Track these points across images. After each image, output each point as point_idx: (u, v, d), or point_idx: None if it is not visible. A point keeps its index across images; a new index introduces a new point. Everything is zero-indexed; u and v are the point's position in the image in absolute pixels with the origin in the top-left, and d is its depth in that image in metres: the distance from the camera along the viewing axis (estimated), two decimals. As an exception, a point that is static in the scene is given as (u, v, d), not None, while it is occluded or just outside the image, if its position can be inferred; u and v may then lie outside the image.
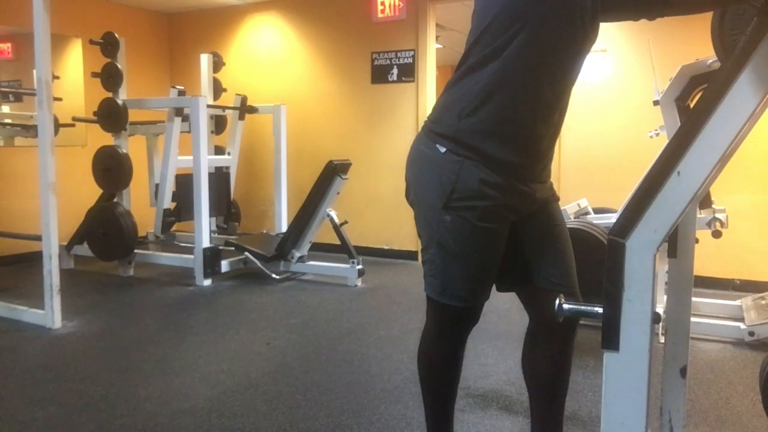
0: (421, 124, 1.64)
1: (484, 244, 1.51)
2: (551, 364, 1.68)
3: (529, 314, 1.71)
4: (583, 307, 1.01)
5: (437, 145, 1.52)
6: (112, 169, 4.80)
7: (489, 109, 1.46)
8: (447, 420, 1.75)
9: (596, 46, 5.10)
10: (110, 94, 4.82)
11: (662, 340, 1.68)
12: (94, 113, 4.87)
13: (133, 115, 4.98)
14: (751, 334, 3.17)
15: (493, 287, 1.64)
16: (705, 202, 3.45)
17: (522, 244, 1.59)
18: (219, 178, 5.50)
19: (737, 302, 3.64)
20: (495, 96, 1.46)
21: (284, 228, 5.28)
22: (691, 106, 3.21)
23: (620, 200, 3.55)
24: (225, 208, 5.64)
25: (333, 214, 4.75)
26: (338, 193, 4.72)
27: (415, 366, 1.74)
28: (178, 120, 4.86)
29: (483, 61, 1.46)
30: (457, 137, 1.49)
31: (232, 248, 4.96)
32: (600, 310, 0.92)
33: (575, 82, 1.57)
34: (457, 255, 1.52)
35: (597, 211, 4.02)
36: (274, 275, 4.81)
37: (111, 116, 4.81)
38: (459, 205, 1.48)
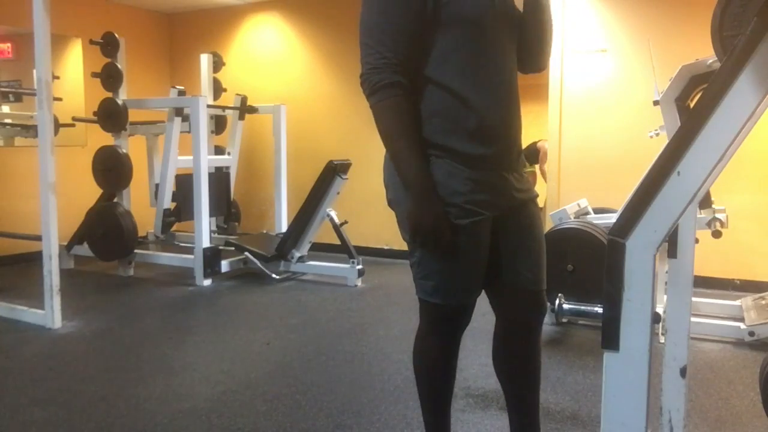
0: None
1: (466, 241, 1.51)
2: (522, 362, 1.71)
3: (497, 313, 1.72)
4: (583, 307, 1.01)
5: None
6: (112, 169, 4.80)
7: (440, 109, 1.48)
8: (444, 418, 1.76)
9: (596, 46, 5.06)
10: (110, 94, 4.82)
11: (662, 340, 1.69)
12: (94, 113, 4.88)
13: (133, 115, 4.98)
14: (751, 334, 3.17)
15: None
16: (705, 202, 3.45)
17: (497, 243, 1.59)
18: (219, 178, 5.50)
19: (737, 302, 3.63)
20: (439, 96, 1.48)
21: (284, 228, 5.28)
22: (691, 106, 3.21)
23: (620, 200, 3.55)
24: (225, 208, 5.63)
25: (333, 214, 4.75)
26: (338, 193, 4.72)
27: (416, 365, 1.75)
28: (178, 120, 4.86)
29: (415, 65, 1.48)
30: (423, 137, 1.50)
31: (232, 248, 4.97)
32: (600, 310, 0.92)
33: (510, 63, 1.57)
34: (441, 255, 1.52)
35: (597, 211, 4.02)
36: (274, 275, 4.81)
37: (111, 116, 4.81)
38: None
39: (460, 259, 1.53)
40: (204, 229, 4.61)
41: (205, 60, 5.74)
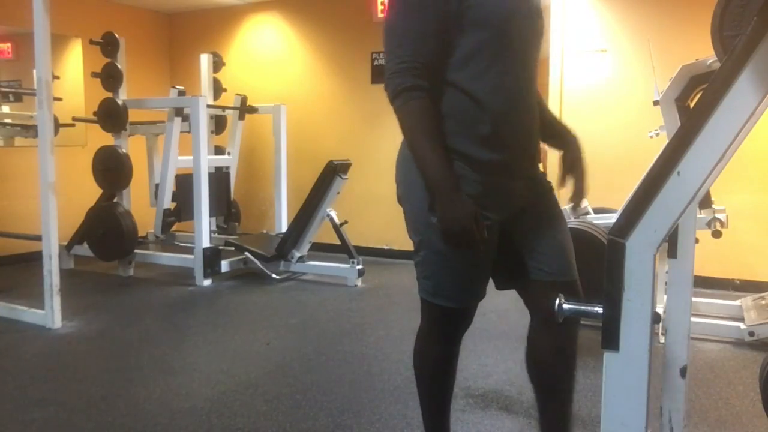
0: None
1: (461, 247, 1.48)
2: (556, 361, 1.64)
3: (529, 310, 1.69)
4: (583, 307, 1.01)
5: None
6: (112, 169, 4.80)
7: (455, 112, 1.48)
8: (443, 418, 1.75)
9: (596, 46, 5.07)
10: (110, 94, 4.82)
11: (662, 340, 1.68)
12: (94, 113, 4.88)
13: (133, 115, 4.98)
14: (751, 334, 3.17)
15: (492, 286, 1.64)
16: (705, 202, 3.45)
17: (516, 238, 1.58)
18: (219, 178, 5.50)
19: (737, 302, 3.64)
20: (456, 99, 1.47)
21: (284, 228, 5.28)
22: (691, 106, 3.21)
23: (620, 200, 3.55)
24: (225, 208, 5.64)
25: (333, 214, 4.75)
26: (338, 193, 4.72)
27: (416, 366, 1.74)
28: (178, 120, 4.86)
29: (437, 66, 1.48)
30: None
31: (232, 248, 4.97)
32: (600, 310, 0.92)
33: (534, 65, 1.57)
34: (445, 256, 1.51)
35: (597, 211, 4.02)
36: (274, 275, 4.81)
37: (111, 116, 4.81)
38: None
39: (463, 262, 1.52)
40: (204, 229, 4.61)
41: (205, 60, 5.74)
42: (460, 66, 1.46)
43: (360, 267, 4.62)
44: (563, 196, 1.67)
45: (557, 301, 1.02)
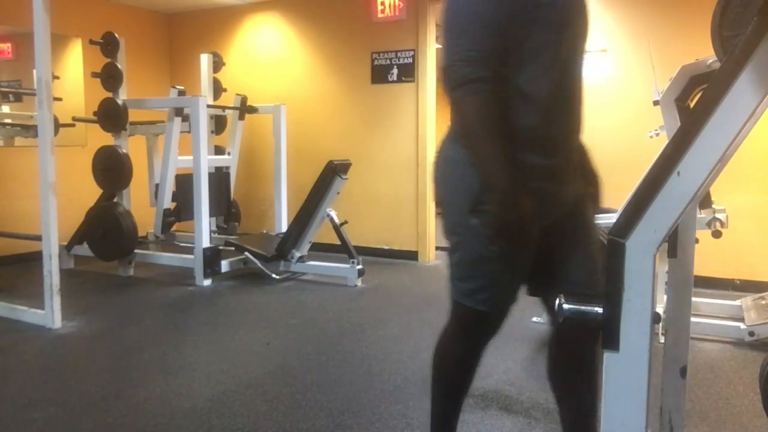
0: (421, 124, 1.64)
1: (511, 248, 1.45)
2: (576, 376, 1.60)
3: (551, 322, 1.67)
4: (583, 307, 1.01)
5: (464, 150, 1.48)
6: (112, 169, 4.80)
7: (506, 115, 1.44)
8: (452, 421, 1.74)
9: (596, 46, 5.07)
10: (110, 94, 4.82)
11: (662, 340, 1.68)
12: (94, 113, 4.88)
13: (133, 115, 4.98)
14: (751, 334, 3.17)
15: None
16: (705, 202, 3.45)
17: (551, 247, 1.54)
18: (219, 178, 5.50)
19: (737, 302, 3.63)
20: (510, 99, 1.44)
21: (284, 228, 5.28)
22: (691, 106, 3.21)
23: (620, 200, 3.54)
24: (225, 208, 5.64)
25: (333, 214, 4.75)
26: (338, 193, 4.72)
27: (416, 365, 1.74)
28: (178, 120, 4.86)
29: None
30: None
31: (232, 248, 4.96)
32: (600, 310, 0.92)
33: (579, 73, 1.54)
34: (483, 259, 1.49)
35: (597, 211, 4.01)
36: (274, 275, 4.81)
37: (111, 116, 4.81)
38: (486, 209, 1.42)
39: (502, 266, 1.49)
40: (204, 229, 4.61)
41: (205, 60, 5.74)
42: (519, 66, 1.42)
43: (360, 267, 4.62)
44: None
45: (557, 301, 1.02)
